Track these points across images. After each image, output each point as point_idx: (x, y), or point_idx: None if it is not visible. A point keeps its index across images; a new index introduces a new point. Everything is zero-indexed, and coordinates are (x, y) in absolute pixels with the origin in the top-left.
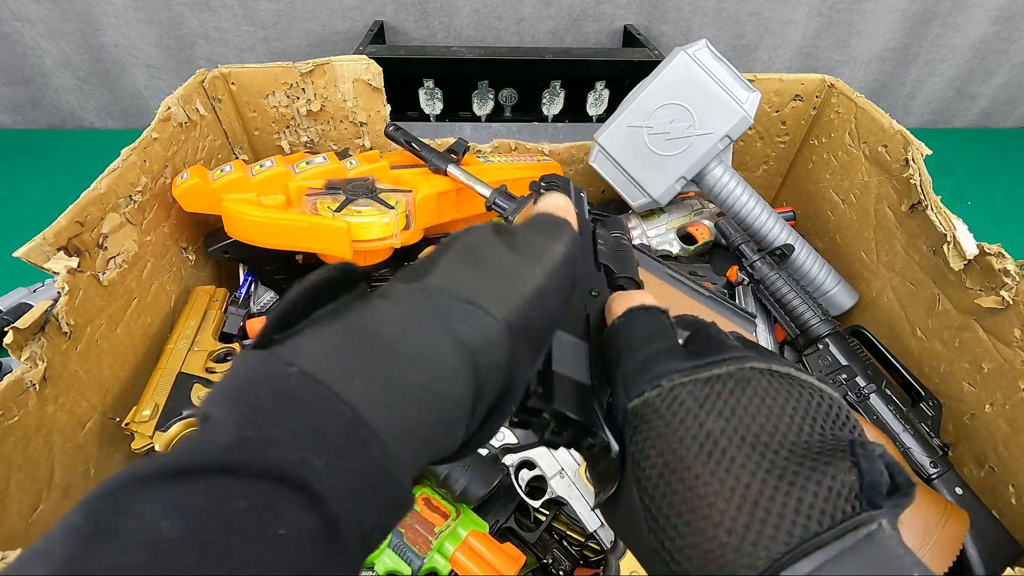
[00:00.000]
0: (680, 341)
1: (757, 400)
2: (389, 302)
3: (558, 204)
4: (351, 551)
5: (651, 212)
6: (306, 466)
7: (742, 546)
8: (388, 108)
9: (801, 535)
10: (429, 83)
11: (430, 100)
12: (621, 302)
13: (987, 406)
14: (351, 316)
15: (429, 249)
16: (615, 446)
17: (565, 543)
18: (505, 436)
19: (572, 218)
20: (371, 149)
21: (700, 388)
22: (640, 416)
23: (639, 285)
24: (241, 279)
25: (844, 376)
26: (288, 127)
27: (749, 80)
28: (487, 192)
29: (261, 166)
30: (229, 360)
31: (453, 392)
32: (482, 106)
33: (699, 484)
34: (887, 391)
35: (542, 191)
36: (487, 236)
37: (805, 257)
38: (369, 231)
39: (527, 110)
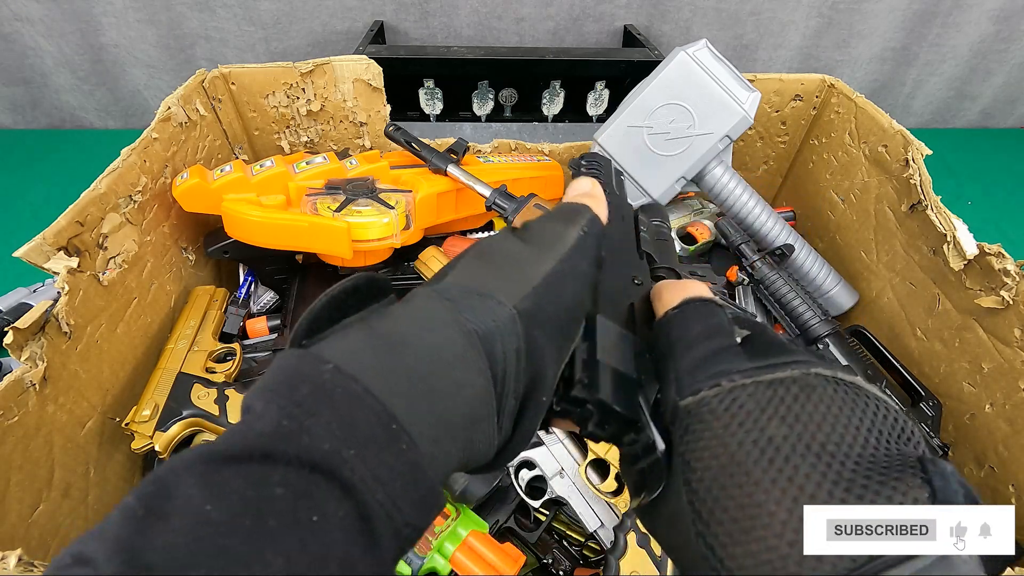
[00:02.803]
0: (738, 340)
1: (823, 408)
2: (406, 305)
3: (583, 189)
4: (384, 545)
5: None
6: (337, 456)
7: (805, 560)
8: (388, 108)
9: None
10: (429, 83)
11: (430, 100)
12: (675, 291)
13: (987, 406)
14: (374, 320)
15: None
16: (661, 444)
17: (565, 543)
18: None
19: (596, 202)
20: (371, 149)
21: (762, 391)
22: (694, 415)
23: (678, 276)
24: (241, 279)
25: None
26: (288, 127)
27: (749, 80)
28: (487, 192)
29: (261, 166)
30: (229, 360)
31: (469, 381)
32: (482, 106)
33: (759, 491)
34: (887, 391)
35: (582, 169)
36: (501, 234)
37: (805, 257)
38: (369, 231)
39: (527, 110)
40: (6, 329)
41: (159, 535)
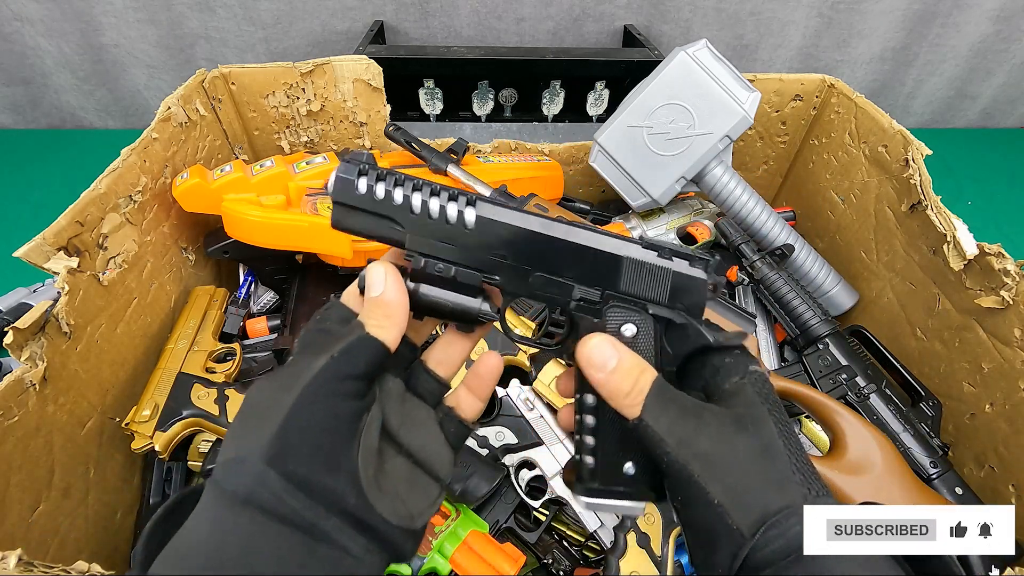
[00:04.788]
0: None
1: None
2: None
3: (371, 295)
4: None
5: (651, 212)
6: None
7: None
8: (388, 108)
9: None
10: (429, 83)
11: (430, 100)
12: None
13: (987, 406)
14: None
15: None
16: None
17: (565, 543)
18: (505, 436)
19: (383, 314)
20: (371, 149)
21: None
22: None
23: None
24: (241, 279)
25: (844, 376)
26: (288, 127)
27: (749, 80)
28: (487, 192)
29: (261, 166)
30: (229, 360)
31: (255, 545)
32: (482, 106)
33: None
34: (887, 391)
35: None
36: (260, 383)
37: (805, 257)
38: None
39: (527, 110)
40: (6, 329)
41: None
